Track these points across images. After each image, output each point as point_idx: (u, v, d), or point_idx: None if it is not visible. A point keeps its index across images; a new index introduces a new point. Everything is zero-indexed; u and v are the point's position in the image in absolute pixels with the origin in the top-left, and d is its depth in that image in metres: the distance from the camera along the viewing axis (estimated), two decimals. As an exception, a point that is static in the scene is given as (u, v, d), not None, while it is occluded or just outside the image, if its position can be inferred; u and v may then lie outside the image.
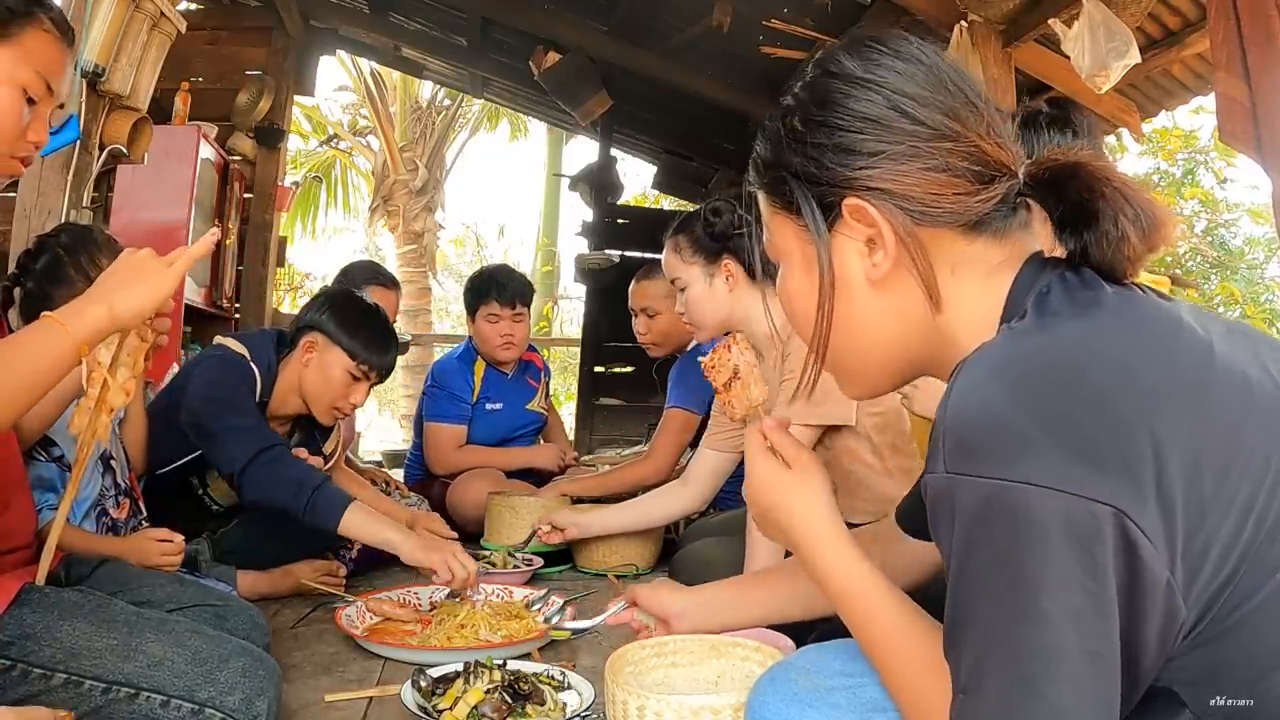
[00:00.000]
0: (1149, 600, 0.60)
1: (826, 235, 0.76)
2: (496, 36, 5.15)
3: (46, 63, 1.27)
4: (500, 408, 3.28)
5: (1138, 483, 0.59)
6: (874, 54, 0.76)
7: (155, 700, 1.16)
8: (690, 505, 2.38)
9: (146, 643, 1.19)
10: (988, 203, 0.73)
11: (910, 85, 0.74)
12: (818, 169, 0.75)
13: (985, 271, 0.74)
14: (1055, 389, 0.61)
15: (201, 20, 4.45)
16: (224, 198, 4.36)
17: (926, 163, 0.72)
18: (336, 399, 2.19)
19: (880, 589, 0.81)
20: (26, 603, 1.19)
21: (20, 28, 1.24)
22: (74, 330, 1.08)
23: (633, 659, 1.25)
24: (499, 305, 3.17)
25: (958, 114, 0.73)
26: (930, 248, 0.74)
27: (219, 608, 1.47)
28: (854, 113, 0.74)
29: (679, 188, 6.63)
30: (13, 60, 1.23)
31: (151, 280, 1.14)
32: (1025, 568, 0.60)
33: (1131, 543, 0.58)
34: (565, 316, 12.36)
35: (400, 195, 9.84)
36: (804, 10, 3.69)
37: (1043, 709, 0.60)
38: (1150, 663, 0.63)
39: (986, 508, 0.61)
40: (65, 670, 1.15)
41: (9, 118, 1.24)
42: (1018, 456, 0.60)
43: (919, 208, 0.72)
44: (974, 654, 0.64)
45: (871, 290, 0.77)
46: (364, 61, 8.83)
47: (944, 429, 0.64)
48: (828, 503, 0.90)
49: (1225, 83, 2.05)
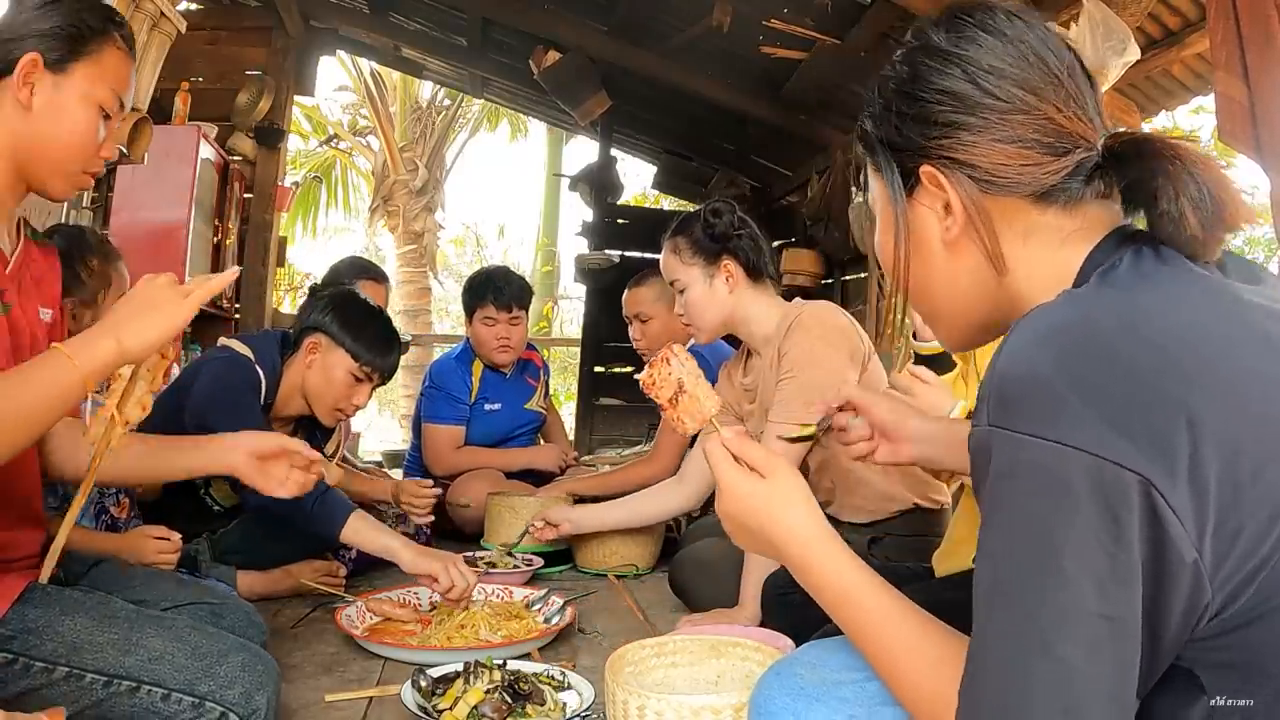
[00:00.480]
0: (1174, 577, 0.60)
1: (904, 199, 0.81)
2: (496, 36, 5.15)
3: (119, 79, 1.30)
4: (499, 408, 3.28)
5: (1169, 460, 0.59)
6: (961, 27, 0.78)
7: (156, 694, 1.16)
8: (685, 503, 2.37)
9: (147, 637, 1.19)
10: (1057, 174, 0.74)
11: (990, 58, 0.76)
12: (899, 137, 0.80)
13: (1058, 240, 0.76)
14: (1095, 360, 0.62)
15: (201, 20, 4.45)
16: (224, 198, 4.36)
17: (997, 134, 0.75)
18: (339, 400, 2.19)
19: (875, 588, 0.80)
20: (28, 599, 1.19)
21: (98, 45, 1.27)
22: (81, 364, 1.08)
23: (633, 659, 1.25)
24: (495, 309, 3.17)
25: (1034, 87, 0.75)
26: (999, 215, 0.76)
27: (215, 606, 1.47)
28: (934, 85, 0.78)
29: (679, 188, 6.63)
30: (90, 79, 1.26)
31: (165, 311, 1.13)
32: (1049, 526, 0.61)
33: (1158, 516, 0.59)
34: (565, 316, 12.36)
35: (400, 195, 9.84)
36: (804, 10, 3.69)
37: (1053, 668, 0.60)
38: (1171, 641, 0.63)
39: (1018, 463, 0.62)
40: (67, 664, 1.15)
41: (89, 135, 1.27)
42: (1054, 417, 0.61)
43: (986, 177, 0.75)
44: (991, 612, 0.64)
45: (945, 251, 0.80)
46: (364, 61, 8.83)
47: (991, 384, 0.66)
48: (809, 506, 0.88)
49: (1225, 83, 2.04)
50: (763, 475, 0.89)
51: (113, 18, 1.31)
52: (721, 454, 0.91)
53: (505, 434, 3.30)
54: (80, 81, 1.25)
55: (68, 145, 1.26)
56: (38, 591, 1.21)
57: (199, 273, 4.12)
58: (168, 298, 1.14)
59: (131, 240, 3.61)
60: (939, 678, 0.71)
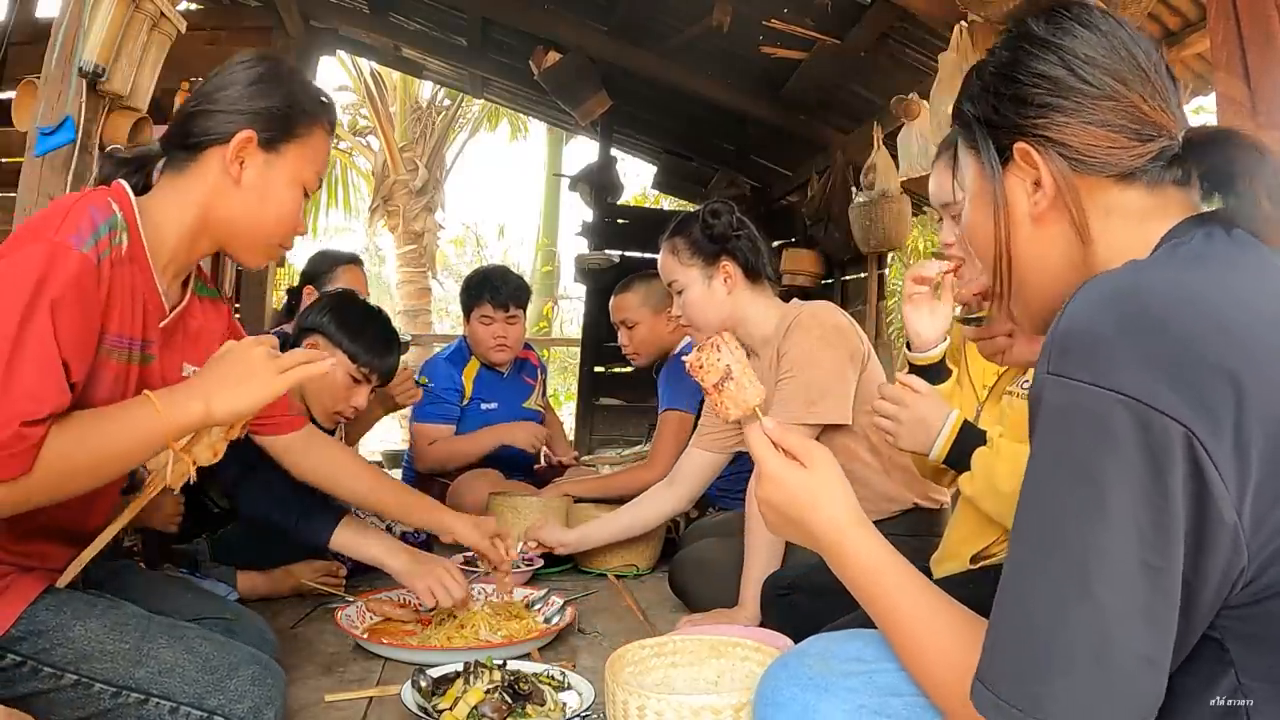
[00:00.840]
0: (1214, 538, 0.61)
1: (1000, 172, 0.85)
2: (496, 36, 5.15)
3: (323, 160, 1.34)
4: (496, 407, 3.27)
5: (1215, 419, 0.61)
6: (1060, 19, 0.84)
7: (164, 706, 1.16)
8: (677, 505, 2.36)
9: (158, 648, 1.19)
10: (1141, 158, 0.79)
11: (1084, 48, 0.81)
12: (996, 115, 0.85)
13: (1138, 217, 0.80)
14: (1152, 321, 0.65)
15: (201, 20, 4.44)
16: (224, 198, 4.36)
17: (1088, 117, 0.80)
18: (337, 402, 2.18)
19: (908, 577, 0.82)
20: (41, 602, 1.19)
21: (308, 128, 1.30)
22: (168, 419, 1.09)
23: (633, 659, 1.25)
24: (492, 307, 3.16)
25: (1124, 77, 0.80)
26: (1085, 191, 0.81)
27: (229, 621, 1.47)
28: (1032, 69, 0.82)
29: (679, 188, 6.63)
30: (300, 161, 1.29)
31: (258, 384, 1.14)
32: (1095, 469, 0.62)
33: (1201, 471, 0.60)
34: (565, 316, 12.36)
35: (400, 195, 9.84)
36: (804, 10, 3.68)
37: (1094, 614, 0.61)
38: (1207, 607, 0.64)
39: (1069, 407, 0.65)
40: (76, 671, 1.15)
41: (293, 215, 1.30)
42: (1108, 367, 0.63)
43: (1076, 156, 0.80)
44: (1028, 555, 0.66)
45: (1033, 225, 0.84)
46: (364, 61, 8.84)
47: (1053, 337, 0.69)
48: (847, 495, 0.91)
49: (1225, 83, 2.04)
50: (803, 464, 0.93)
51: (322, 99, 1.34)
52: (765, 442, 0.95)
53: None
54: (292, 162, 1.28)
55: (271, 222, 1.29)
56: (50, 594, 1.21)
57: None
58: (262, 372, 1.15)
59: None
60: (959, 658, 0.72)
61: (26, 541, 1.21)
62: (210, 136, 1.25)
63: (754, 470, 0.96)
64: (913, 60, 3.71)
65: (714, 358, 1.05)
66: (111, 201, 1.15)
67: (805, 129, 4.78)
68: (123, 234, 1.15)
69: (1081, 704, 0.62)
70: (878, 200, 3.93)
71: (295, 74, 1.36)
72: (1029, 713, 0.63)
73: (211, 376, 1.14)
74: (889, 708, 0.80)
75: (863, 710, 0.81)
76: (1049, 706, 0.62)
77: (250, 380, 1.14)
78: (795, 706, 0.83)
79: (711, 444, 2.28)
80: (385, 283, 14.92)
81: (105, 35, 2.58)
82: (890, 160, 3.79)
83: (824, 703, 0.82)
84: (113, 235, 1.12)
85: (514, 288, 3.22)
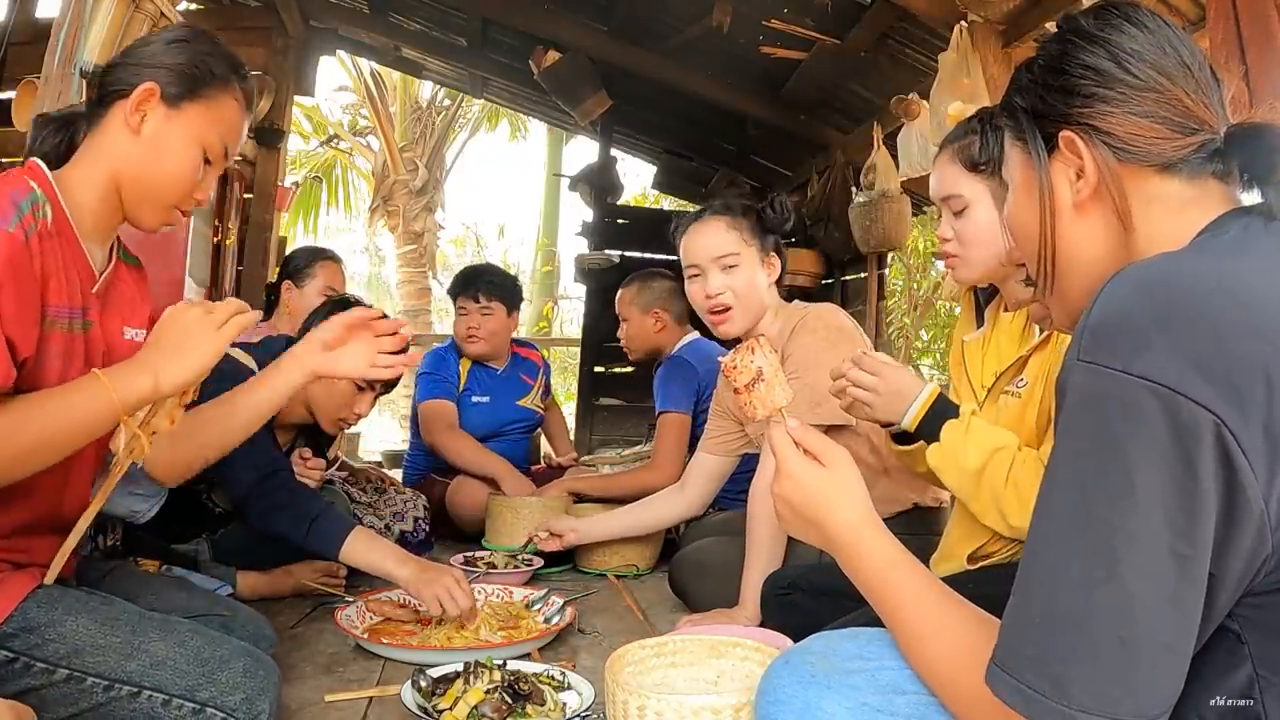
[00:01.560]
0: (1242, 525, 0.62)
1: (1046, 159, 0.86)
2: (496, 36, 5.15)
3: (230, 129, 1.33)
4: (486, 400, 3.28)
5: (1245, 407, 0.61)
6: (1108, 16, 0.86)
7: (157, 699, 1.16)
8: (688, 510, 2.40)
9: (149, 642, 1.19)
10: (1183, 150, 0.81)
11: (1131, 43, 0.83)
12: (1043, 104, 0.87)
13: (1177, 207, 0.81)
14: (1183, 309, 0.65)
15: (201, 20, 4.45)
16: (224, 198, 4.35)
17: (1133, 109, 0.81)
18: (342, 410, 2.19)
19: (919, 578, 0.83)
20: (32, 598, 1.19)
21: (216, 92, 1.31)
22: (119, 398, 1.11)
23: (633, 659, 1.25)
24: (464, 298, 3.24)
25: (1168, 72, 0.82)
26: (1128, 181, 0.82)
27: (226, 618, 1.47)
28: (1080, 61, 0.84)
29: (679, 188, 6.63)
30: (202, 121, 1.29)
31: (200, 348, 1.16)
32: (1123, 454, 0.62)
33: (1230, 458, 0.61)
34: (565, 316, 12.35)
35: (400, 195, 9.84)
36: (804, 10, 3.69)
37: (1121, 598, 0.61)
38: (1230, 591, 0.64)
39: (1098, 394, 0.65)
40: (68, 666, 1.15)
41: (187, 174, 1.29)
42: (1137, 354, 0.64)
43: (1121, 145, 0.82)
44: (1054, 538, 0.66)
45: (1075, 215, 0.85)
46: (364, 61, 8.83)
47: (1084, 323, 0.69)
48: (864, 497, 0.93)
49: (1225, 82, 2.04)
50: (823, 464, 0.95)
51: (238, 69, 1.35)
52: (788, 441, 0.97)
53: (494, 428, 3.28)
54: (193, 121, 1.28)
55: (165, 178, 1.28)
56: (41, 591, 1.21)
57: (199, 273, 4.12)
58: (201, 331, 1.17)
59: (131, 240, 3.59)
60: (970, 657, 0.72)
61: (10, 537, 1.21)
62: (118, 88, 1.27)
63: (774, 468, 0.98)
64: (913, 60, 3.71)
65: (749, 360, 1.08)
66: (28, 178, 1.17)
67: (805, 129, 4.78)
68: (45, 207, 1.16)
69: (1105, 690, 0.61)
70: (878, 200, 3.93)
71: (217, 43, 1.37)
72: (1051, 698, 0.63)
73: (155, 348, 1.16)
74: (893, 705, 0.80)
75: (865, 708, 0.80)
76: (1071, 691, 0.62)
77: (192, 346, 1.16)
78: (797, 704, 0.83)
79: (718, 447, 2.30)
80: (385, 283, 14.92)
81: (105, 35, 2.58)
82: (890, 160, 3.79)
83: (827, 700, 0.82)
84: (35, 210, 1.13)
85: (488, 280, 3.26)
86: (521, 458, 3.37)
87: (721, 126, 5.39)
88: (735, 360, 1.10)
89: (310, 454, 2.19)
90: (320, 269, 2.94)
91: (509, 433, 3.34)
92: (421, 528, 2.78)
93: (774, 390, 1.07)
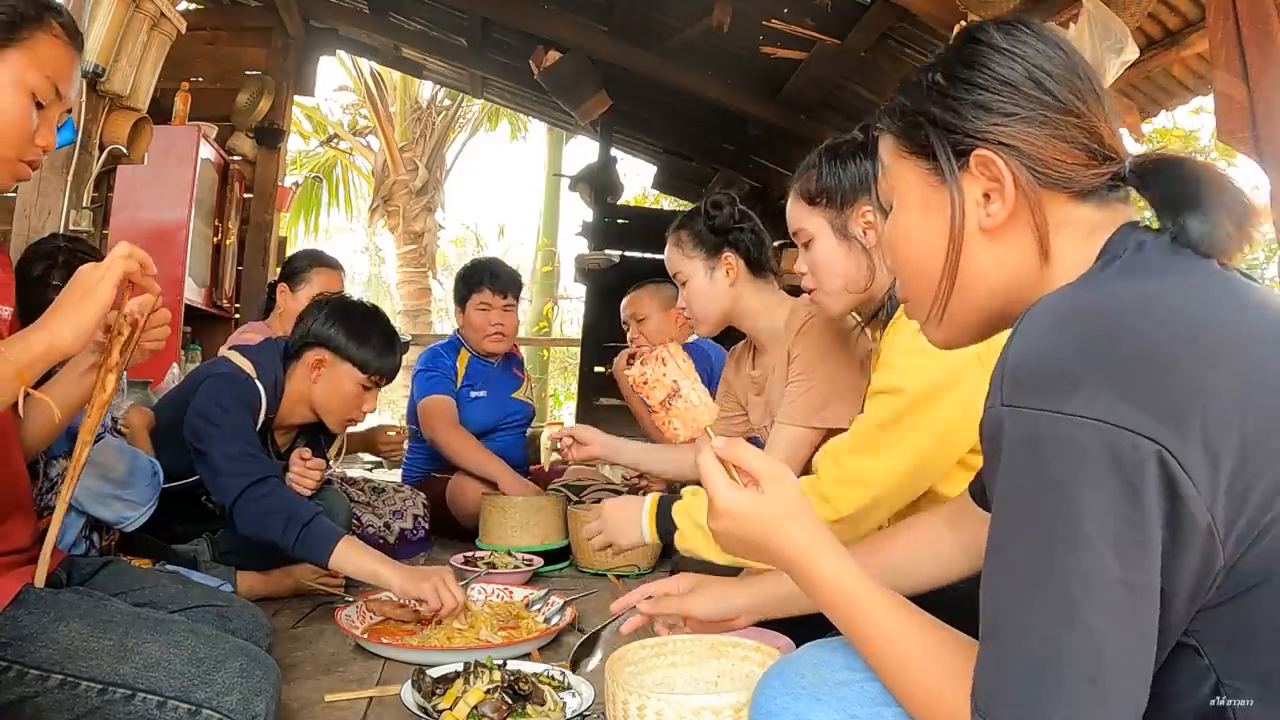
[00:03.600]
0: (1189, 542, 0.62)
1: (959, 177, 0.82)
2: (496, 36, 5.15)
3: (56, 67, 1.27)
4: (484, 395, 3.27)
5: (1181, 424, 0.61)
6: (1019, 31, 0.82)
7: (151, 701, 1.15)
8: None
9: (143, 643, 1.18)
10: (1100, 177, 0.79)
11: (1048, 63, 0.80)
12: (955, 119, 0.81)
13: (1086, 231, 0.79)
14: (1104, 336, 0.65)
15: (201, 20, 4.45)
16: (224, 198, 4.36)
17: (1053, 130, 0.78)
18: (350, 410, 2.20)
19: (876, 594, 0.80)
20: (23, 604, 1.18)
21: (30, 32, 1.25)
22: (15, 358, 1.09)
23: (633, 659, 1.25)
24: (490, 293, 3.20)
25: (1084, 97, 0.80)
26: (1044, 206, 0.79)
27: (222, 608, 1.46)
28: (995, 75, 0.80)
29: (679, 188, 6.63)
30: (21, 64, 1.24)
31: (90, 298, 1.14)
32: (1069, 496, 0.62)
33: (1174, 480, 0.61)
34: (565, 316, 12.36)
35: (400, 195, 9.84)
36: (804, 10, 3.69)
37: (1085, 639, 0.61)
38: (1182, 609, 0.64)
39: (1034, 438, 0.64)
40: (61, 671, 1.14)
41: (18, 121, 1.25)
42: (1067, 393, 0.63)
43: (1041, 168, 0.78)
44: (1010, 588, 0.65)
45: (982, 238, 0.82)
46: (364, 61, 8.84)
47: (1004, 367, 0.68)
48: (808, 515, 0.86)
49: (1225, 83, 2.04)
50: (760, 485, 0.87)
51: (49, 5, 1.29)
52: (716, 470, 0.89)
53: (492, 423, 3.27)
54: (11, 68, 1.23)
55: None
56: (32, 595, 1.20)
57: (199, 273, 4.12)
58: (90, 283, 1.15)
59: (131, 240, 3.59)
60: (943, 679, 0.72)
61: None
62: None
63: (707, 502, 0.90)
64: (913, 60, 3.71)
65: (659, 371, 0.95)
66: None
67: (805, 129, 4.78)
68: None
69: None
70: (877, 200, 3.93)
71: None
72: None
73: (53, 311, 1.15)
74: (880, 717, 0.80)
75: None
76: None
77: (83, 298, 1.14)
78: (788, 716, 0.83)
79: (725, 430, 2.30)
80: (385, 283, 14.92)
81: (105, 35, 2.58)
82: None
83: (816, 712, 0.81)
84: None
85: (511, 276, 3.27)
86: (521, 455, 3.37)
87: (721, 126, 5.39)
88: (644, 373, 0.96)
89: (310, 454, 2.19)
90: (316, 275, 2.90)
91: (508, 427, 3.33)
92: (421, 525, 2.78)
93: (695, 406, 0.95)
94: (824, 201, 1.65)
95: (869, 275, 1.64)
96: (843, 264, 1.65)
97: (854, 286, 1.64)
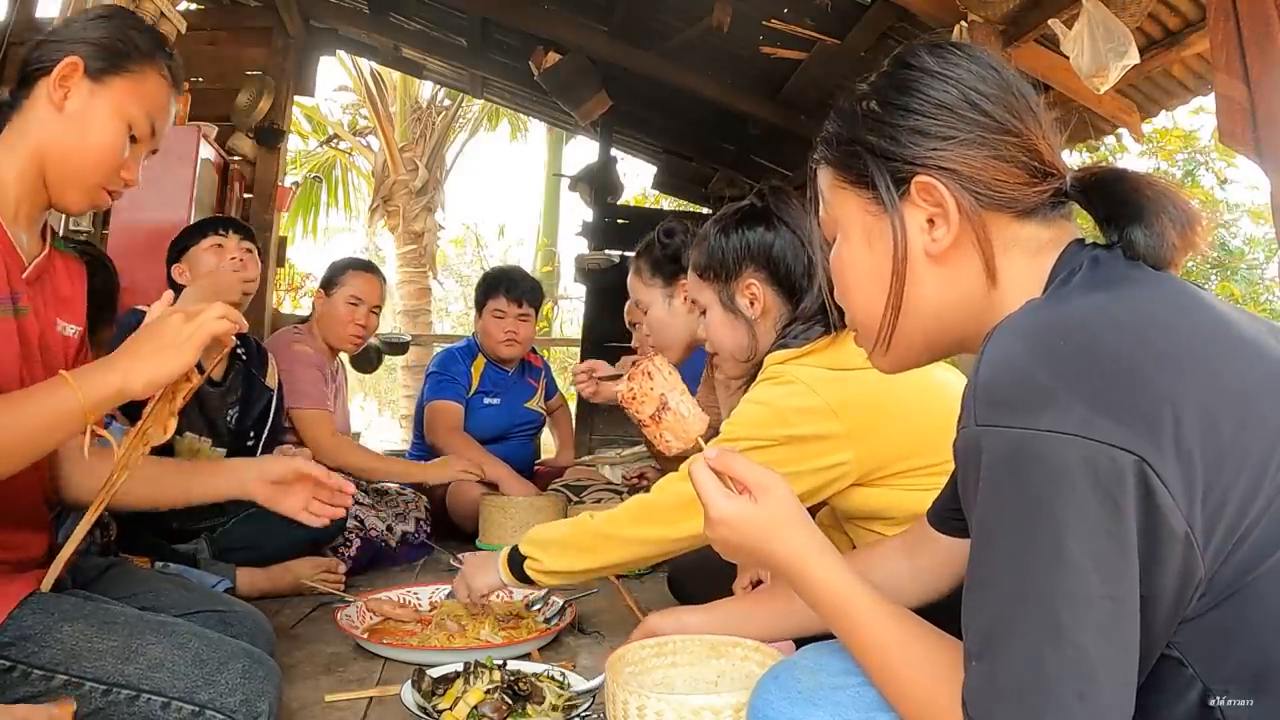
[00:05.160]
0: (1167, 552, 0.62)
1: (900, 206, 0.80)
2: (496, 36, 5.15)
3: (155, 106, 1.30)
4: (497, 403, 3.30)
5: (1156, 436, 0.61)
6: (950, 54, 0.82)
7: (155, 702, 1.16)
8: None
9: (147, 645, 1.18)
10: (1042, 195, 0.78)
11: (981, 84, 0.80)
12: (893, 146, 0.80)
13: (1033, 250, 0.79)
14: (1075, 350, 0.65)
15: (201, 20, 4.45)
16: (224, 198, 4.36)
17: (992, 151, 0.78)
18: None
19: (872, 600, 0.80)
20: (27, 605, 1.18)
21: (139, 66, 1.28)
22: (84, 397, 1.08)
23: (633, 659, 1.25)
24: (506, 300, 3.24)
25: (1021, 116, 0.79)
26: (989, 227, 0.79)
27: (224, 613, 1.46)
28: (930, 99, 0.80)
29: (679, 188, 6.63)
30: (126, 95, 1.27)
31: (171, 353, 1.12)
32: (1049, 512, 0.62)
33: (1151, 491, 0.61)
34: (565, 316, 12.35)
35: (400, 195, 9.83)
36: (804, 10, 3.69)
37: (1071, 656, 0.61)
38: (1164, 620, 0.64)
39: (1012, 456, 0.64)
40: (66, 672, 1.15)
41: (112, 149, 1.27)
42: (1042, 409, 0.63)
43: (983, 190, 0.78)
44: (997, 608, 0.65)
45: (928, 264, 0.81)
46: (364, 61, 8.82)
47: (975, 387, 0.68)
48: (802, 522, 0.87)
49: (1225, 83, 2.04)
50: (753, 494, 0.88)
51: (163, 46, 1.32)
52: (711, 480, 0.90)
53: (502, 430, 3.30)
54: (118, 96, 1.26)
55: (89, 154, 1.26)
56: (37, 597, 1.20)
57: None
58: (172, 341, 1.13)
59: (131, 240, 3.61)
60: (937, 685, 0.72)
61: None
62: (40, 65, 1.24)
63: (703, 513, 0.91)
64: (913, 60, 3.71)
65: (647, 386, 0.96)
66: None
67: (805, 129, 4.78)
68: None
69: None
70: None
71: (139, 20, 1.35)
72: None
73: (128, 352, 1.13)
74: None
75: None
76: None
77: (163, 353, 1.12)
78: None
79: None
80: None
81: (105, 35, 2.58)
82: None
83: (812, 717, 0.82)
84: None
85: (529, 286, 3.31)
86: (528, 461, 3.39)
87: (721, 126, 5.39)
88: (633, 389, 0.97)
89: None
90: (349, 278, 2.94)
91: (517, 434, 3.37)
92: (423, 528, 2.78)
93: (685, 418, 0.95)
94: (710, 276, 1.67)
95: (751, 348, 1.66)
96: (730, 336, 1.67)
97: (740, 355, 1.67)
